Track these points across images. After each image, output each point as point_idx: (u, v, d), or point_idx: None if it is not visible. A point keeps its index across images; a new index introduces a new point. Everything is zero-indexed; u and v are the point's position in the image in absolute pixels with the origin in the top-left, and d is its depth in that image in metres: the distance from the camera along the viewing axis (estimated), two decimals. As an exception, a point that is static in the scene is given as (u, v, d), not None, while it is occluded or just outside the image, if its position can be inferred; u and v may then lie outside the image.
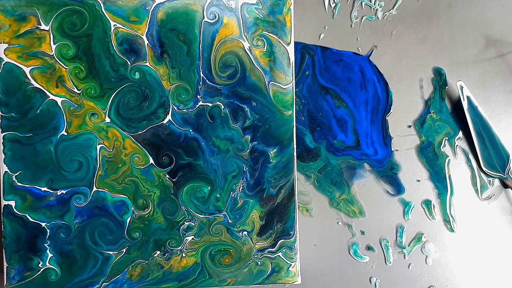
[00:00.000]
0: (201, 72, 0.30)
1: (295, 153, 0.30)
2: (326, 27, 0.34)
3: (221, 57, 0.30)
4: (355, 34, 0.34)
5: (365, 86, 0.34)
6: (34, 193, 0.29)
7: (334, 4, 0.34)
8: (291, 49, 0.30)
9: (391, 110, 0.34)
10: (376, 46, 0.34)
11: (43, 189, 0.29)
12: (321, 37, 0.34)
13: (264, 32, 0.30)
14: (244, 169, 0.30)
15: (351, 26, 0.34)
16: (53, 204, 0.29)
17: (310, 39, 0.34)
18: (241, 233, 0.30)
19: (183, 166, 0.30)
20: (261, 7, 0.30)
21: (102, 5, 0.29)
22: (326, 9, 0.34)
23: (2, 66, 0.29)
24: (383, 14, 0.35)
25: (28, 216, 0.29)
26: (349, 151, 0.34)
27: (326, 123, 0.34)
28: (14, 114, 0.29)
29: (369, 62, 0.34)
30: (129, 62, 0.30)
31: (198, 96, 0.30)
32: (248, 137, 0.30)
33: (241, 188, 0.30)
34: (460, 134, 0.35)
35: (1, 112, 0.29)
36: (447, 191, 0.34)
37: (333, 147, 0.34)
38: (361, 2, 0.34)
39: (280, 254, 0.30)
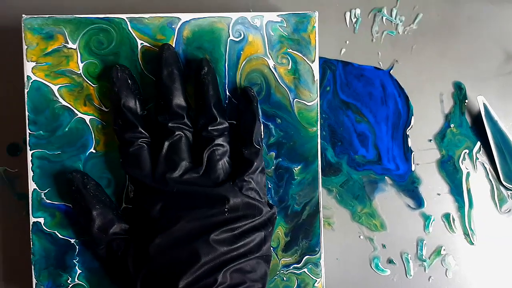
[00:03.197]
0: (227, 91, 0.30)
1: (320, 170, 0.31)
2: (347, 42, 0.34)
3: (247, 75, 0.30)
4: (376, 49, 0.35)
5: (386, 101, 0.34)
6: (63, 210, 0.29)
7: (355, 19, 0.35)
8: (315, 66, 0.31)
9: (412, 124, 0.34)
10: (396, 60, 0.35)
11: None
12: (342, 51, 0.34)
13: (288, 50, 0.31)
14: (269, 186, 0.31)
15: (372, 40, 0.35)
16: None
17: (331, 53, 0.34)
18: (266, 249, 0.30)
19: (208, 183, 0.30)
20: (285, 25, 0.30)
21: (128, 23, 0.30)
22: (347, 23, 0.35)
23: (30, 84, 0.29)
24: (404, 28, 0.35)
25: (57, 233, 0.29)
26: (371, 166, 0.34)
27: (347, 138, 0.34)
28: (42, 132, 0.29)
29: (390, 77, 0.35)
30: (155, 80, 0.30)
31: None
32: (273, 154, 0.31)
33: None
34: (480, 147, 0.35)
35: (30, 130, 0.29)
36: (467, 205, 0.35)
37: (355, 162, 0.34)
38: (382, 17, 0.35)
39: (305, 270, 0.31)
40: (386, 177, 0.34)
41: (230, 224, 0.27)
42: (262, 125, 0.30)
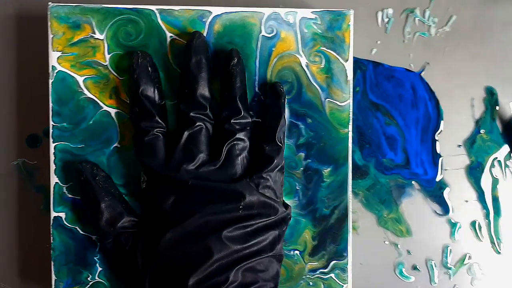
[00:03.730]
0: (256, 88, 0.29)
1: (350, 173, 0.30)
2: (379, 42, 0.34)
3: (278, 73, 0.29)
4: (407, 50, 0.34)
5: (416, 104, 0.34)
6: (85, 206, 0.28)
7: (387, 19, 0.34)
8: (349, 65, 0.30)
9: (442, 129, 0.34)
10: (428, 63, 0.34)
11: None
12: (373, 51, 0.34)
13: (322, 48, 0.30)
14: (297, 188, 0.30)
15: (404, 41, 0.34)
16: (104, 217, 0.29)
17: (362, 53, 0.33)
18: (292, 252, 0.30)
19: (235, 182, 0.29)
20: (320, 22, 0.29)
21: (158, 15, 0.29)
22: (379, 23, 0.34)
23: (55, 74, 0.28)
24: (436, 30, 0.34)
25: (78, 229, 0.29)
26: (398, 170, 0.33)
27: (375, 140, 0.33)
28: (66, 124, 0.28)
29: (420, 79, 0.34)
30: (184, 75, 0.29)
31: (250, 113, 0.29)
32: (302, 154, 0.30)
33: (293, 206, 0.30)
34: (510, 154, 0.34)
35: (53, 122, 0.28)
36: (495, 213, 0.34)
37: (382, 165, 0.33)
38: (415, 17, 0.34)
39: (332, 275, 0.30)
40: (413, 182, 0.33)
41: (244, 222, 0.26)
42: (286, 123, 0.29)
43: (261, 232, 0.26)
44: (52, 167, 0.28)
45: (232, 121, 0.27)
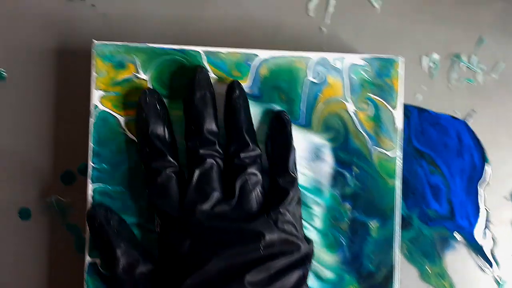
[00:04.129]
0: (302, 134, 0.28)
1: (398, 228, 0.28)
2: (424, 87, 0.33)
3: (324, 119, 0.29)
4: (453, 96, 0.33)
5: (461, 152, 0.32)
6: (121, 252, 0.27)
7: (433, 64, 0.33)
8: (398, 113, 0.29)
9: (488, 180, 0.32)
10: (474, 110, 0.33)
11: (130, 247, 0.27)
12: (417, 96, 0.33)
13: (370, 95, 0.29)
14: (341, 240, 0.28)
15: (449, 88, 0.33)
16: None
17: (406, 98, 0.32)
18: (335, 309, 0.28)
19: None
20: (368, 69, 0.29)
21: (204, 56, 0.28)
22: (424, 68, 0.33)
23: (97, 114, 0.28)
24: (484, 77, 0.33)
25: (112, 276, 0.27)
26: (443, 221, 0.32)
27: (420, 189, 0.32)
28: (105, 166, 0.28)
29: (466, 128, 0.33)
30: (228, 118, 0.28)
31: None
32: (347, 205, 0.29)
33: (336, 261, 0.28)
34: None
35: (92, 162, 0.28)
36: (543, 270, 0.32)
37: (426, 216, 0.32)
38: (461, 64, 0.33)
39: (377, 334, 0.28)
40: (458, 234, 0.32)
41: (266, 263, 0.25)
42: (296, 151, 0.28)
43: (285, 273, 0.25)
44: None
45: (241, 155, 0.26)
